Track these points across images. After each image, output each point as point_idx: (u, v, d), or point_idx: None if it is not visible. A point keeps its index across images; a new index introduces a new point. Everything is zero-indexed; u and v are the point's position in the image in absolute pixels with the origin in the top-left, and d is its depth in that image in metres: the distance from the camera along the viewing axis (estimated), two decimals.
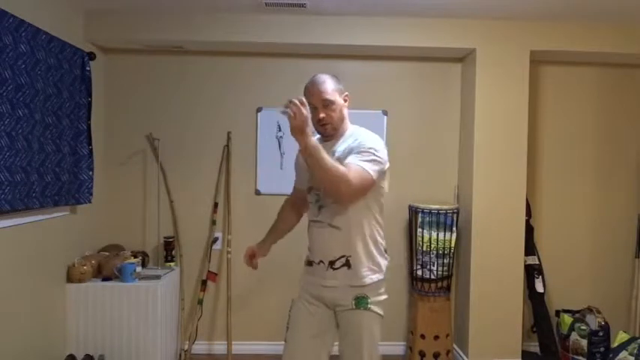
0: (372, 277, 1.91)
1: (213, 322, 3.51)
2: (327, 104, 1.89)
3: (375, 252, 1.94)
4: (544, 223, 3.57)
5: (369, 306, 1.90)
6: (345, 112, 1.98)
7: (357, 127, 2.00)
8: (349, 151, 1.86)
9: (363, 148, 1.84)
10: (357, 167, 1.78)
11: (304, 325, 1.98)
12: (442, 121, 3.53)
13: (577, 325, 3.28)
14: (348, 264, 1.90)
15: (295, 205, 2.21)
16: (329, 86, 1.90)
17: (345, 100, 1.98)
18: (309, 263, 2.02)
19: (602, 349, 3.21)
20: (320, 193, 1.94)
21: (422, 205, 3.23)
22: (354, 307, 1.89)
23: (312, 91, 1.91)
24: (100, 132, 3.32)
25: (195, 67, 3.46)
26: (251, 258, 2.19)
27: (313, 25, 3.18)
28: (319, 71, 1.85)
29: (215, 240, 3.47)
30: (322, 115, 1.89)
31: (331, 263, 1.92)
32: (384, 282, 1.96)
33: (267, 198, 3.44)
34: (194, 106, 3.47)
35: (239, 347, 3.44)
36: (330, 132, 1.94)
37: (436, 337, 3.22)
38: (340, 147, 1.92)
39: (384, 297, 1.96)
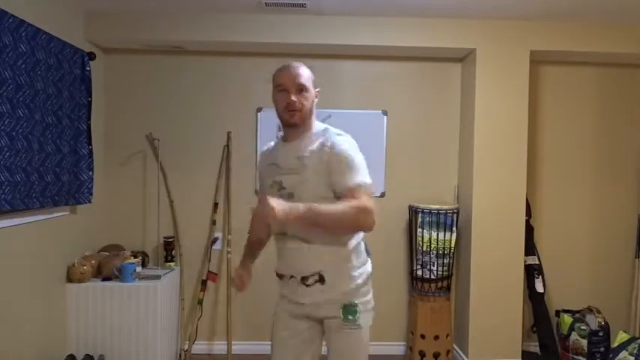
0: (355, 282, 1.74)
1: (213, 322, 3.50)
2: (301, 89, 1.71)
3: (353, 257, 1.75)
4: (544, 223, 3.57)
5: (358, 316, 1.71)
6: (315, 106, 1.79)
7: (325, 127, 1.79)
8: (319, 159, 1.67)
9: (343, 158, 1.65)
10: (357, 187, 1.62)
11: (289, 350, 1.84)
12: (442, 122, 3.53)
13: (577, 325, 3.28)
14: (321, 279, 1.71)
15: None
16: (305, 72, 1.74)
17: (316, 96, 1.79)
18: (280, 276, 1.86)
19: (602, 349, 3.22)
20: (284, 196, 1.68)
21: (422, 205, 3.23)
22: (341, 317, 1.71)
23: (287, 73, 1.73)
24: (100, 132, 3.32)
25: (195, 67, 3.46)
26: (243, 284, 2.02)
27: (313, 25, 3.18)
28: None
29: (215, 240, 3.47)
30: (293, 98, 1.69)
31: (304, 279, 1.73)
32: (369, 280, 1.80)
33: None
34: (194, 106, 3.47)
35: (239, 347, 3.44)
36: (297, 121, 1.72)
37: (436, 337, 3.22)
38: (306, 148, 1.71)
39: (370, 295, 1.79)
